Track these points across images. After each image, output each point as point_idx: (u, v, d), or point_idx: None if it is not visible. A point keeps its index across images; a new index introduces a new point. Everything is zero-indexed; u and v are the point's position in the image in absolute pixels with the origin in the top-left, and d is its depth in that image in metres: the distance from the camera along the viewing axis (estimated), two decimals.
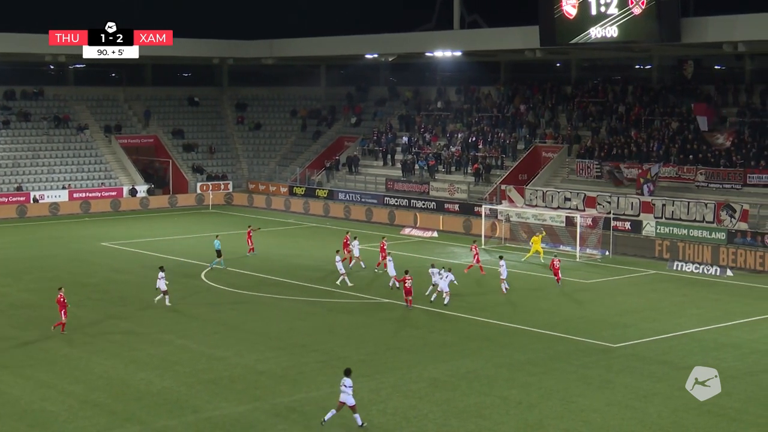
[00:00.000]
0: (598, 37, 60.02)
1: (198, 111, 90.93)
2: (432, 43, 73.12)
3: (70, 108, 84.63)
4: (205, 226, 68.83)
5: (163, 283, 41.91)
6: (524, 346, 36.04)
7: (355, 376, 31.69)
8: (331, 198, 75.85)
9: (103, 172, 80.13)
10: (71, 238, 62.89)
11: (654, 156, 61.84)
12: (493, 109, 77.11)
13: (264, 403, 29.36)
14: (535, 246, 54.62)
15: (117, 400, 29.61)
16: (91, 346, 35.74)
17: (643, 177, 59.69)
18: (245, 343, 36.29)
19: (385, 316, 41.16)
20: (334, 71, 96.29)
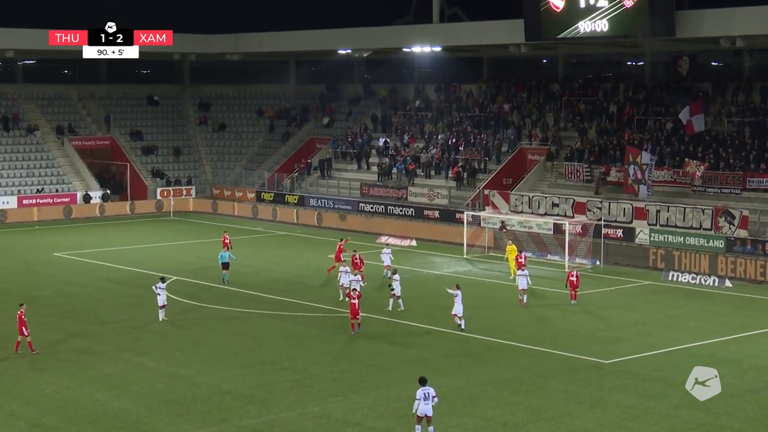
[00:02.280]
0: (588, 31, 60.25)
1: (158, 111, 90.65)
2: (409, 38, 73.17)
3: (19, 107, 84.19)
4: (165, 235, 68.66)
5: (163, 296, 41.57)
6: (510, 363, 36.08)
7: (327, 396, 31.77)
8: (302, 204, 75.77)
9: (55, 177, 79.74)
10: (20, 248, 62.52)
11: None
12: (475, 109, 77.29)
13: (230, 425, 29.25)
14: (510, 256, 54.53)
15: (70, 424, 29.41)
16: (42, 364, 35.48)
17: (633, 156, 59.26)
18: (209, 361, 36.15)
19: (362, 331, 41.05)
20: (305, 68, 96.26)
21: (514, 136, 71.70)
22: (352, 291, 40.88)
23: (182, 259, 58.14)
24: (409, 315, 43.28)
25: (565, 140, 69.19)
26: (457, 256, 58.96)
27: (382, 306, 44.98)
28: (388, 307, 43.80)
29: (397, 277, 44.38)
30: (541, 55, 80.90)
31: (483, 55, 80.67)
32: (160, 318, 41.53)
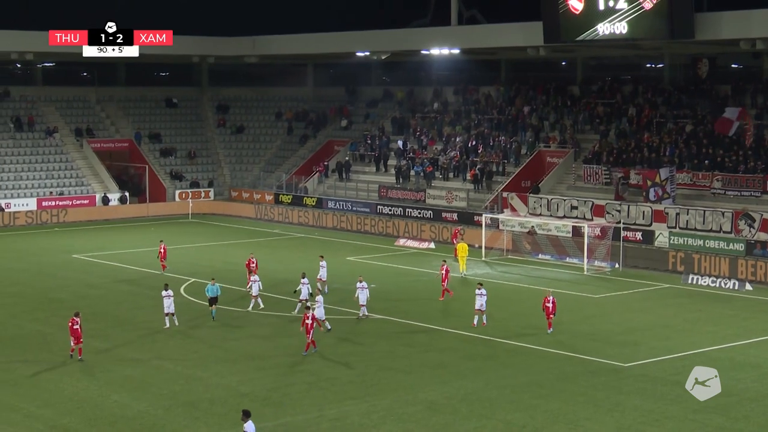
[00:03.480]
0: (606, 33, 60.08)
1: (176, 113, 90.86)
2: (428, 40, 73.16)
3: (38, 109, 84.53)
4: (184, 237, 68.76)
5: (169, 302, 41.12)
6: (528, 366, 35.99)
7: (343, 398, 31.70)
8: (320, 206, 75.79)
9: (74, 179, 80.00)
10: (39, 250, 62.73)
11: (666, 161, 61.82)
12: (494, 111, 77.17)
13: None
14: (461, 253, 54.47)
15: (89, 425, 29.48)
16: (60, 366, 35.59)
17: (651, 179, 59.49)
18: (226, 363, 36.18)
19: (377, 333, 41.06)
20: (323, 70, 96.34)
21: (532, 138, 71.55)
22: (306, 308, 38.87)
23: (200, 261, 58.20)
24: (427, 317, 43.23)
25: (583, 143, 69.02)
26: (475, 258, 58.82)
27: (401, 308, 44.97)
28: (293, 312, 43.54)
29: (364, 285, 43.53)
30: (560, 58, 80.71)
31: (501, 57, 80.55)
32: (166, 325, 41.08)
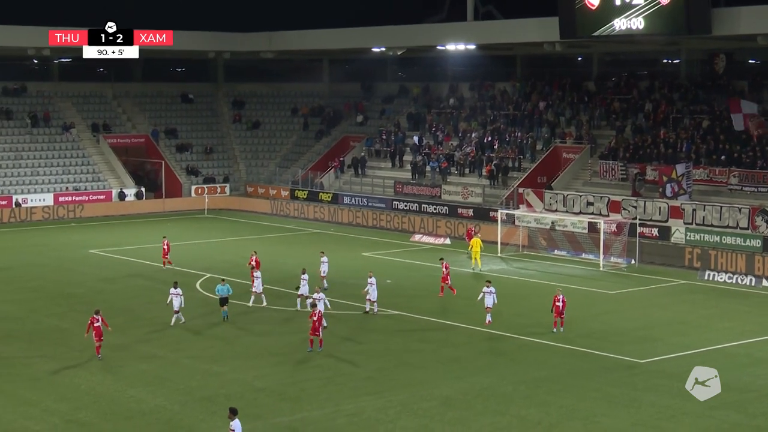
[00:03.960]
0: (623, 29, 59.92)
1: (192, 109, 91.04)
2: (443, 36, 73.07)
3: (55, 105, 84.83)
4: (199, 232, 68.94)
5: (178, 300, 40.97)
6: (543, 362, 35.96)
7: (359, 394, 31.75)
8: (336, 202, 75.83)
9: (90, 174, 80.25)
10: (56, 245, 62.97)
11: (683, 157, 61.61)
12: (510, 107, 77.07)
13: (263, 422, 29.32)
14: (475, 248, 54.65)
15: (105, 420, 29.59)
16: (77, 361, 35.72)
17: (667, 175, 59.34)
18: (242, 358, 36.27)
19: (393, 328, 41.10)
20: (338, 66, 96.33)
21: (548, 134, 71.44)
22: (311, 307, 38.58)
23: (216, 256, 58.31)
24: (444, 313, 43.25)
25: (599, 138, 68.87)
26: (491, 254, 58.78)
27: (415, 304, 45.01)
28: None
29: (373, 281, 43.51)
30: (576, 53, 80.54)
31: (517, 53, 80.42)
32: (172, 322, 40.88)
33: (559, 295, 40.20)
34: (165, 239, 54.99)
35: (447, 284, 47.03)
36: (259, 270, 46.03)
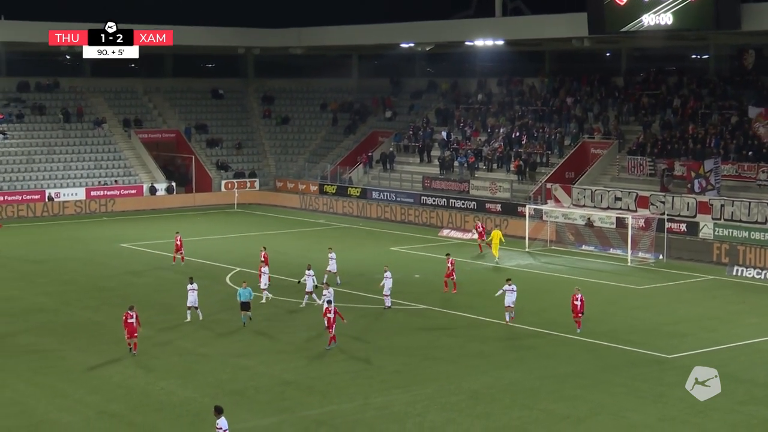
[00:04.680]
0: (652, 24, 59.65)
1: (222, 104, 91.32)
2: (472, 32, 72.95)
3: (87, 100, 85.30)
4: (229, 227, 69.19)
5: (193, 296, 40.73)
6: (571, 357, 35.88)
7: (387, 387, 31.77)
8: (365, 197, 75.89)
9: (122, 169, 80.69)
10: (88, 239, 63.37)
11: (713, 154, 61.17)
12: (538, 102, 76.85)
13: (291, 415, 29.42)
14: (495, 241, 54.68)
15: (136, 411, 29.77)
16: (108, 354, 35.93)
17: (695, 171, 59.00)
18: (271, 352, 36.38)
19: (421, 323, 41.12)
20: (367, 62, 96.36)
21: (576, 129, 71.19)
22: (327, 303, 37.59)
23: (246, 250, 58.46)
24: (470, 308, 43.21)
25: (627, 134, 68.57)
26: (518, 249, 58.71)
27: (443, 299, 45.01)
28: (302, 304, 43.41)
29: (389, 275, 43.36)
30: (604, 49, 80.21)
31: (545, 48, 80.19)
32: (187, 318, 40.61)
33: (578, 294, 39.08)
34: (178, 235, 54.37)
35: (452, 279, 46.48)
36: (267, 266, 45.80)
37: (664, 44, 73.36)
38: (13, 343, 37.82)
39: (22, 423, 28.80)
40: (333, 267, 48.33)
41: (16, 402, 30.68)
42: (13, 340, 38.27)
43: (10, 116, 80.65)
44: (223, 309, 42.66)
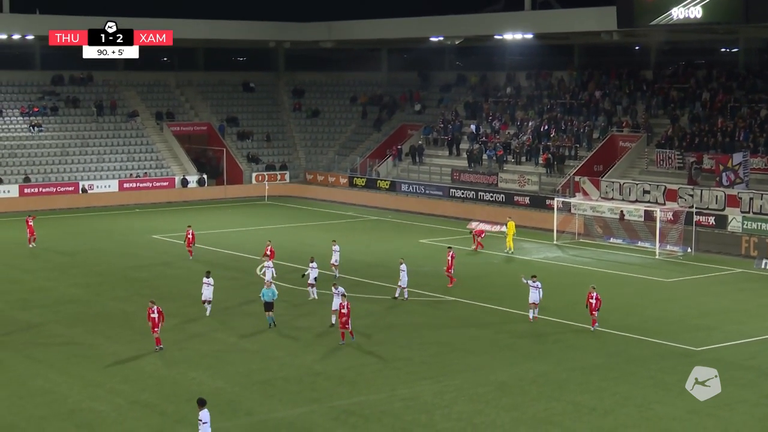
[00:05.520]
0: (681, 18, 59.21)
1: (253, 97, 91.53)
2: (501, 25, 72.72)
3: (120, 94, 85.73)
4: (260, 219, 69.38)
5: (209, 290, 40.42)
6: (598, 349, 35.76)
7: (416, 378, 31.78)
8: (394, 189, 75.89)
9: (154, 161, 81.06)
10: (121, 231, 63.72)
11: (743, 147, 60.72)
12: (566, 96, 76.55)
13: (321, 405, 29.49)
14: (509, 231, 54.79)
15: (167, 401, 29.93)
16: (140, 344, 36.12)
17: (723, 164, 58.64)
18: (300, 343, 36.46)
19: (449, 315, 41.10)
20: (397, 55, 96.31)
21: (605, 123, 70.85)
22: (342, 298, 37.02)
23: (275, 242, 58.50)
24: (498, 300, 43.15)
25: (656, 127, 68.20)
26: (547, 242, 58.55)
27: (470, 291, 44.96)
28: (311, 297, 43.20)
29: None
30: (633, 42, 79.75)
31: (574, 42, 79.83)
32: (208, 312, 40.35)
33: (593, 292, 38.18)
34: (190, 228, 53.94)
35: (449, 273, 46.14)
36: (272, 261, 45.60)
37: (694, 38, 72.90)
38: (46, 333, 38.12)
39: (55, 412, 29.02)
40: (336, 259, 48.02)
41: (49, 391, 30.92)
42: (45, 330, 38.58)
43: (45, 109, 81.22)
44: (253, 300, 42.73)
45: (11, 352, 35.33)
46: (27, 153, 77.61)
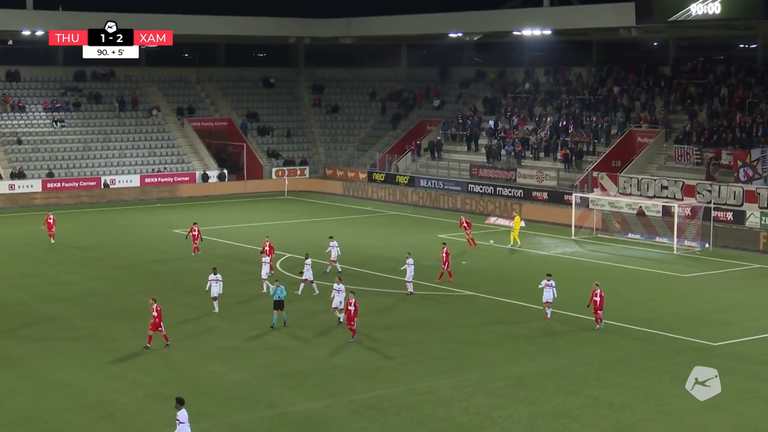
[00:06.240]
0: (699, 14, 58.97)
1: (273, 93, 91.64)
2: (519, 21, 72.60)
3: (142, 89, 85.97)
4: (280, 213, 69.48)
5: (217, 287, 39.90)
6: (616, 344, 35.67)
7: (434, 372, 31.76)
8: (412, 185, 75.85)
9: (175, 156, 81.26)
10: (142, 225, 63.92)
11: (761, 143, 60.46)
12: (585, 91, 76.30)
13: (340, 398, 29.53)
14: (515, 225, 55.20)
15: (188, 394, 29.88)
16: (161, 337, 36.20)
17: (741, 160, 58.39)
18: (321, 336, 36.49)
19: (466, 310, 41.07)
20: (416, 51, 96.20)
21: (623, 118, 70.59)
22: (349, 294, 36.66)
23: (295, 236, 58.67)
24: (516, 295, 43.07)
25: (674, 123, 67.91)
26: (565, 237, 58.43)
27: (489, 286, 44.92)
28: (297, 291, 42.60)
29: (411, 261, 43.24)
30: (652, 38, 79.44)
31: (593, 38, 79.59)
32: (216, 309, 40.02)
33: (597, 290, 37.34)
34: (195, 225, 53.32)
35: (444, 268, 45.85)
36: (270, 257, 45.35)
37: (712, 33, 72.58)
38: (68, 326, 38.29)
39: (77, 404, 29.15)
40: (334, 255, 47.88)
41: (71, 383, 31.07)
42: (67, 322, 38.76)
43: (68, 105, 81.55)
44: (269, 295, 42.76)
45: (34, 344, 35.53)
46: (50, 148, 77.96)
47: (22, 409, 28.73)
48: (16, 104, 79.92)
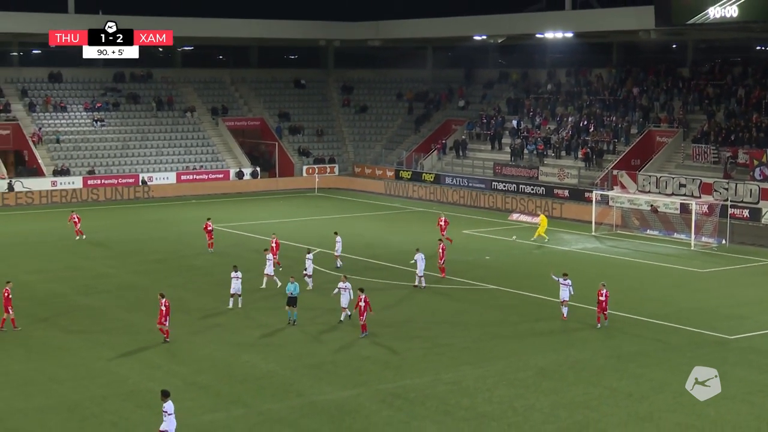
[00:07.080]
0: (717, 17, 58.58)
1: (304, 93, 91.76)
2: (542, 24, 72.38)
3: (178, 90, 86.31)
4: (310, 210, 69.58)
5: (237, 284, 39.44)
6: (634, 337, 35.52)
7: (458, 363, 31.73)
8: (438, 182, 75.79)
9: (210, 155, 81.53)
10: (178, 221, 64.16)
11: None
12: (605, 92, 75.98)
13: (368, 388, 29.55)
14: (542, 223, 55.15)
15: (222, 383, 30.14)
16: (196, 327, 36.42)
17: (757, 159, 58.03)
18: (348, 329, 36.51)
19: (490, 303, 41.00)
20: (442, 53, 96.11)
21: (642, 118, 70.25)
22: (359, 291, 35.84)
23: (325, 232, 58.67)
24: (538, 288, 42.94)
25: (692, 123, 67.52)
26: (585, 233, 58.21)
27: (512, 280, 44.81)
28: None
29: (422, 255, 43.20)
30: (671, 41, 78.99)
31: (613, 40, 79.25)
32: (230, 305, 39.50)
33: (603, 290, 36.61)
34: (209, 221, 53.13)
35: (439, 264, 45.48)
36: (275, 254, 45.19)
37: (730, 36, 72.09)
38: (107, 317, 38.51)
39: (116, 392, 29.31)
40: (338, 250, 47.71)
41: (110, 372, 31.25)
42: (106, 314, 38.97)
43: (107, 105, 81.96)
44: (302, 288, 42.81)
45: (75, 335, 35.77)
46: (90, 146, 78.41)
47: (64, 396, 28.94)
48: (58, 104, 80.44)
